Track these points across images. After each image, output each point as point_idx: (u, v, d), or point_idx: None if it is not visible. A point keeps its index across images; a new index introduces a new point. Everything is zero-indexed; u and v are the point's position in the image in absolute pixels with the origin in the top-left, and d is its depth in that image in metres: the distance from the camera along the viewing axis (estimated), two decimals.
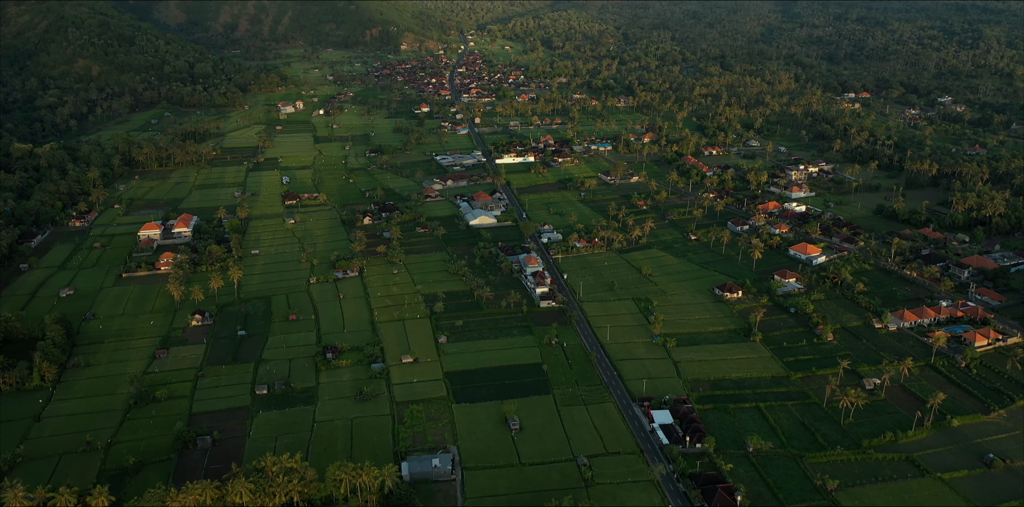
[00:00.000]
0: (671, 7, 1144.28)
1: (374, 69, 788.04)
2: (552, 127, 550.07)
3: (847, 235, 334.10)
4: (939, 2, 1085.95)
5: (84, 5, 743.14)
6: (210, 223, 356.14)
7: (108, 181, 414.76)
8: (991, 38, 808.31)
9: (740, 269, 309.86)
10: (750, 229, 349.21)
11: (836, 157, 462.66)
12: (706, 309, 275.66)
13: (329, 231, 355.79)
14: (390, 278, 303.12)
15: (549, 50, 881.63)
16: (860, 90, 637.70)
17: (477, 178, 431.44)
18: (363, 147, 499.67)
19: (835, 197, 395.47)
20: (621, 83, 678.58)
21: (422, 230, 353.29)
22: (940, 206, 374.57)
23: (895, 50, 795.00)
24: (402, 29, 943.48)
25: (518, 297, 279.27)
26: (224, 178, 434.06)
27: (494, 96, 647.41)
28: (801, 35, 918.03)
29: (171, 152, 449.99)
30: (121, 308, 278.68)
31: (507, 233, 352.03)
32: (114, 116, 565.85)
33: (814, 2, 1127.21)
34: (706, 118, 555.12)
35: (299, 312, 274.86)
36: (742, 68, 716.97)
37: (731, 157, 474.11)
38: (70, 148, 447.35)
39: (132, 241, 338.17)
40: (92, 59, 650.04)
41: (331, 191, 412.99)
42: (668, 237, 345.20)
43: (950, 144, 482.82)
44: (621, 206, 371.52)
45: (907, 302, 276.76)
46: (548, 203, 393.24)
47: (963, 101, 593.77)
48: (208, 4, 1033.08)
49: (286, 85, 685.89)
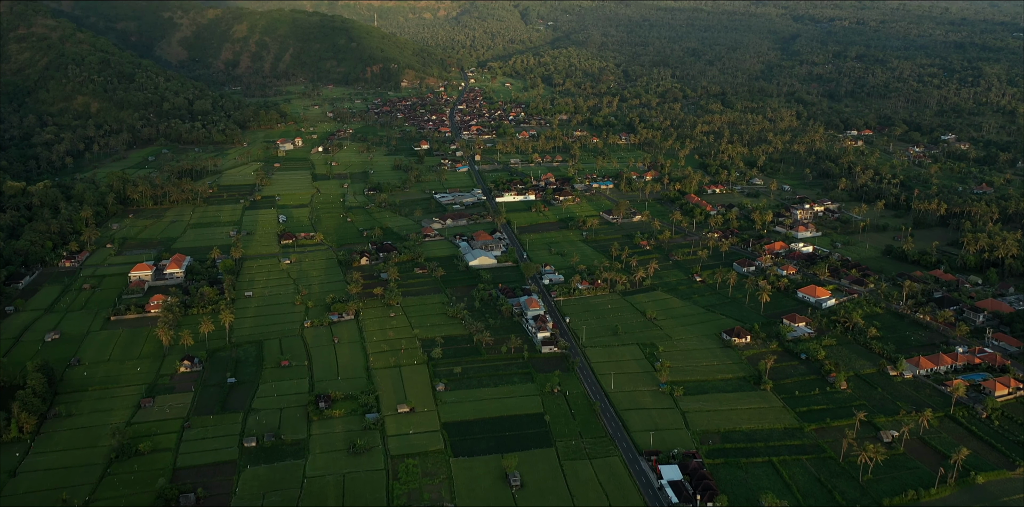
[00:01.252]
0: (670, 45, 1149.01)
1: (374, 106, 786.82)
2: (553, 165, 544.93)
3: (856, 277, 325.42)
4: (937, 40, 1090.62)
5: (85, 42, 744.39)
6: (203, 263, 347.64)
7: (101, 220, 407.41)
8: (991, 76, 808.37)
9: (747, 312, 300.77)
10: (756, 270, 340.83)
11: (841, 196, 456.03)
12: (714, 355, 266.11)
13: (325, 272, 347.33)
14: (387, 321, 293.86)
15: (549, 87, 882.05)
16: (862, 127, 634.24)
17: (477, 217, 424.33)
18: (362, 185, 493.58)
19: (842, 237, 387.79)
20: (622, 120, 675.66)
21: (420, 271, 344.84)
22: (950, 246, 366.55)
23: (896, 87, 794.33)
24: (403, 66, 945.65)
25: (519, 342, 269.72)
26: (220, 217, 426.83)
27: (494, 133, 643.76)
28: (801, 72, 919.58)
29: (166, 190, 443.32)
30: (107, 353, 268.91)
31: (507, 274, 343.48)
32: (111, 153, 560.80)
33: (813, 40, 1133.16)
34: (708, 156, 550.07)
35: (292, 358, 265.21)
36: (743, 105, 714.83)
37: (735, 195, 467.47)
38: (64, 186, 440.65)
39: (123, 282, 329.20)
40: (91, 96, 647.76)
41: (328, 230, 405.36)
42: (673, 278, 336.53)
43: (956, 183, 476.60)
44: (624, 246, 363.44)
45: (922, 348, 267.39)
46: (549, 243, 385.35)
47: (967, 139, 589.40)
48: (210, 41, 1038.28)
49: (285, 122, 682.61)
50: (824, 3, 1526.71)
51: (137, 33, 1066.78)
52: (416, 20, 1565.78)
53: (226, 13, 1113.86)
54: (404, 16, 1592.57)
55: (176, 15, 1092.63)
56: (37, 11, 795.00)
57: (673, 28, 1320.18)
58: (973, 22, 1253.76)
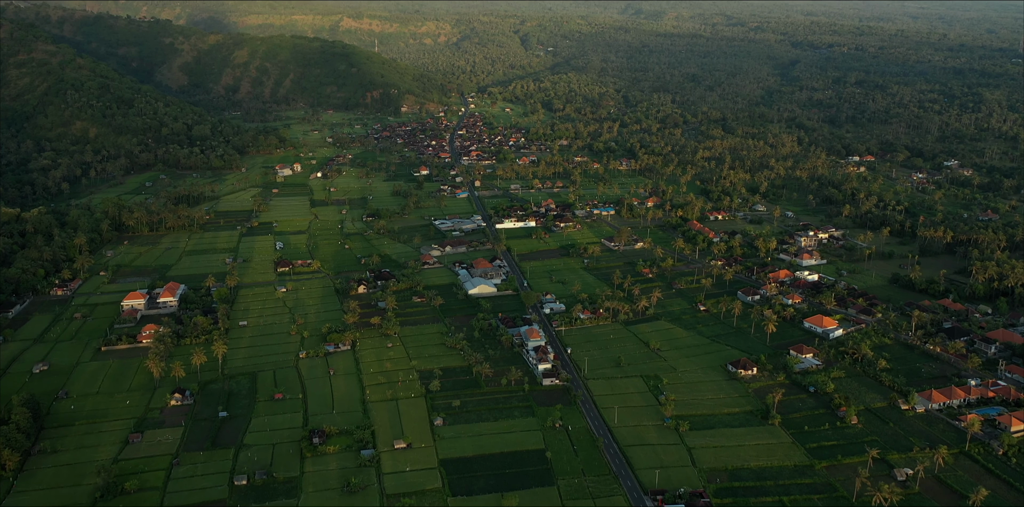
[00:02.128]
0: (670, 70, 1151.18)
1: (374, 131, 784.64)
2: (553, 190, 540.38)
3: (863, 306, 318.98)
4: (936, 66, 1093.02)
5: (85, 68, 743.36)
6: (198, 292, 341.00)
7: (96, 247, 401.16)
8: (992, 102, 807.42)
9: (753, 343, 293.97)
10: (761, 299, 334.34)
11: (845, 222, 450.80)
12: (720, 388, 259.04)
13: (321, 300, 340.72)
14: (384, 352, 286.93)
15: (550, 112, 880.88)
16: (864, 153, 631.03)
17: (476, 244, 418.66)
18: (360, 211, 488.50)
19: (847, 265, 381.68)
20: (623, 146, 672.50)
21: (419, 299, 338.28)
22: (958, 275, 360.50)
23: (897, 113, 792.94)
24: (403, 91, 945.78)
25: (519, 374, 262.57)
26: (216, 243, 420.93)
27: (494, 159, 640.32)
28: (801, 98, 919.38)
29: (162, 216, 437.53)
30: (97, 386, 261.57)
31: (508, 303, 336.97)
32: (108, 179, 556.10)
33: (812, 66, 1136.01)
34: (710, 182, 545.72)
35: (286, 390, 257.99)
36: (744, 131, 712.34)
37: (737, 222, 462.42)
38: (59, 212, 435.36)
39: (115, 311, 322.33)
40: (90, 121, 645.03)
41: (326, 257, 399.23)
42: (676, 308, 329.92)
43: (961, 209, 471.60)
44: (626, 274, 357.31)
45: (933, 380, 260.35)
46: (550, 271, 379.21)
47: (970, 165, 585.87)
48: (210, 67, 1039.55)
49: (285, 147, 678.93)
50: (822, 29, 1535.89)
51: (138, 58, 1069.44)
52: (417, 45, 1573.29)
53: (227, 39, 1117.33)
54: (405, 41, 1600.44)
55: (177, 41, 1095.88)
56: (38, 37, 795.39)
57: (673, 54, 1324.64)
58: (971, 48, 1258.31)
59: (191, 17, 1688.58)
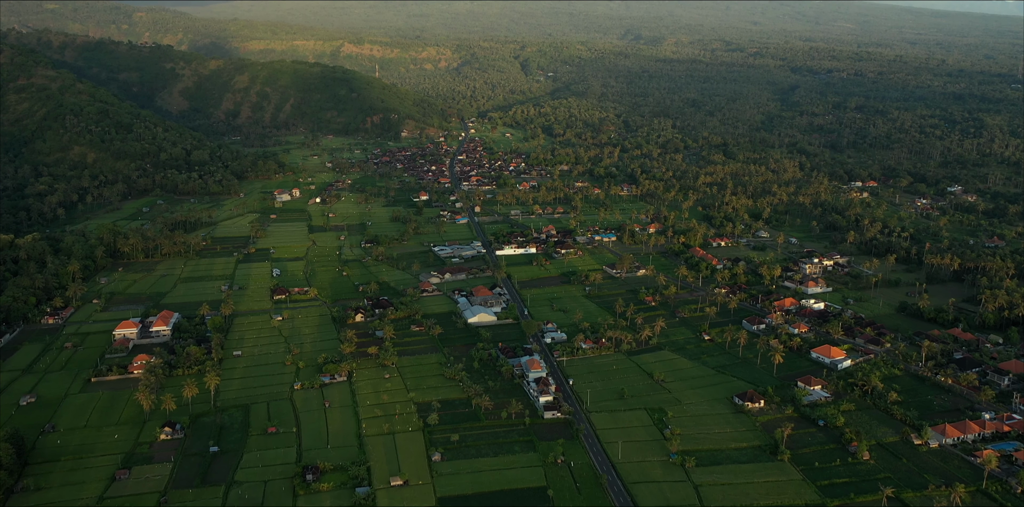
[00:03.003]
0: (670, 96, 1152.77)
1: (373, 156, 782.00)
2: (554, 216, 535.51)
3: (871, 336, 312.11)
4: (936, 91, 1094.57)
5: (85, 93, 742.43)
6: (192, 320, 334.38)
7: (89, 274, 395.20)
8: (993, 127, 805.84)
9: (760, 374, 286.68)
10: (767, 328, 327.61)
11: (850, 249, 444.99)
12: (726, 421, 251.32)
13: (318, 329, 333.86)
14: (381, 384, 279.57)
15: (550, 137, 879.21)
16: (867, 179, 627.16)
17: (476, 271, 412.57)
18: (359, 237, 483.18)
19: (853, 293, 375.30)
20: (623, 171, 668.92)
21: (417, 328, 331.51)
22: (966, 303, 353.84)
23: (898, 138, 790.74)
24: (403, 116, 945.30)
25: (520, 407, 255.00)
26: (212, 270, 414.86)
27: (494, 184, 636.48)
28: (802, 123, 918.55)
29: (158, 243, 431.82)
30: (85, 419, 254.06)
31: (508, 332, 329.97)
32: (105, 204, 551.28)
33: (812, 91, 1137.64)
34: (712, 207, 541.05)
35: (280, 424, 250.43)
36: (745, 156, 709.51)
37: (740, 248, 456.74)
38: (53, 239, 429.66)
39: (106, 341, 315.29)
40: (88, 146, 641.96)
41: (323, 285, 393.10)
42: (680, 337, 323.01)
43: (967, 236, 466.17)
44: (629, 303, 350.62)
45: (946, 414, 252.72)
46: (551, 298, 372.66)
47: (973, 190, 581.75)
48: (211, 92, 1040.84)
49: (284, 172, 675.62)
50: (821, 55, 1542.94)
51: (139, 83, 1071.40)
52: (417, 71, 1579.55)
53: (228, 64, 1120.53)
54: (406, 67, 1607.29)
55: (178, 66, 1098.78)
56: (38, 62, 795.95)
57: (672, 79, 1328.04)
58: (970, 74, 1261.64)
59: (193, 43, 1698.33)
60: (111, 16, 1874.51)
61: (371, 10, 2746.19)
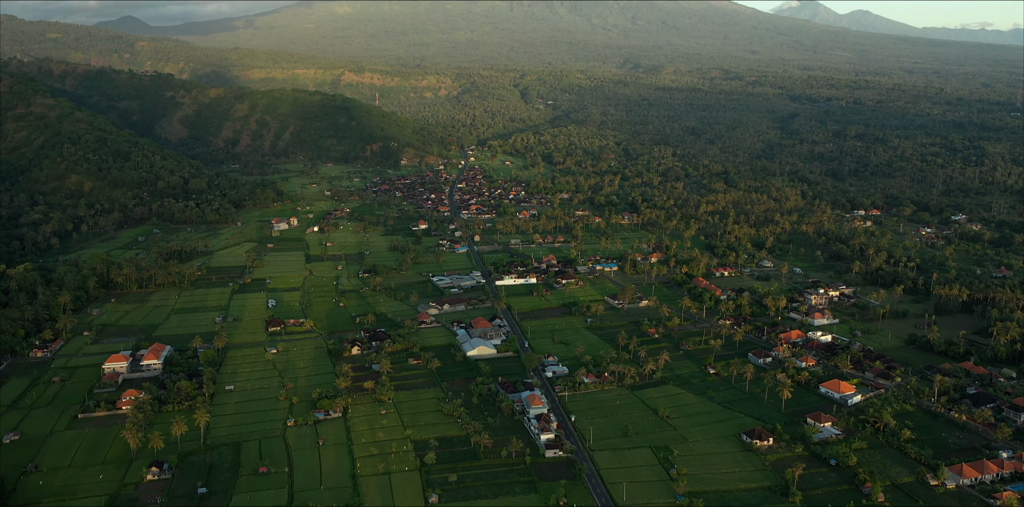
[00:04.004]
0: (670, 124, 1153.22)
1: (373, 184, 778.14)
2: (555, 245, 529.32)
3: (881, 370, 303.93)
4: (936, 119, 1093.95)
5: (83, 121, 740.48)
6: (184, 354, 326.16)
7: (81, 305, 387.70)
8: (995, 155, 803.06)
9: (768, 410, 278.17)
10: (773, 362, 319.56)
11: (856, 279, 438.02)
12: (734, 460, 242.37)
13: (313, 362, 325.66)
14: (377, 420, 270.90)
15: (550, 165, 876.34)
16: (870, 207, 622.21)
17: (476, 302, 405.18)
18: (356, 267, 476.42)
19: (861, 324, 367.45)
20: (624, 199, 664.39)
21: (415, 362, 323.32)
22: (977, 335, 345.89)
23: (900, 167, 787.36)
24: (403, 144, 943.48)
25: (520, 445, 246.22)
26: (206, 301, 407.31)
27: (494, 212, 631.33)
28: (802, 151, 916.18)
29: (152, 273, 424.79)
30: (70, 458, 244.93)
31: (508, 365, 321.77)
32: (100, 233, 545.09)
33: (811, 119, 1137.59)
34: (714, 236, 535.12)
35: (271, 463, 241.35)
36: (746, 184, 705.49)
37: (744, 278, 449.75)
38: (45, 269, 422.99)
39: (96, 375, 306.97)
40: (85, 175, 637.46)
41: (319, 316, 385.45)
42: (684, 371, 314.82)
43: (973, 265, 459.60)
44: (632, 335, 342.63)
45: (961, 452, 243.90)
46: (552, 330, 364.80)
47: (978, 219, 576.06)
48: (211, 120, 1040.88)
49: (282, 201, 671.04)
50: (820, 83, 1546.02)
51: (139, 112, 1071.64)
52: (417, 99, 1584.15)
53: (228, 92, 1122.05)
54: (406, 95, 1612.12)
55: (178, 94, 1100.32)
56: (37, 90, 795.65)
57: (672, 107, 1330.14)
58: (969, 102, 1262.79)
59: (194, 71, 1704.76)
60: (113, 45, 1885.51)
61: (372, 39, 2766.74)
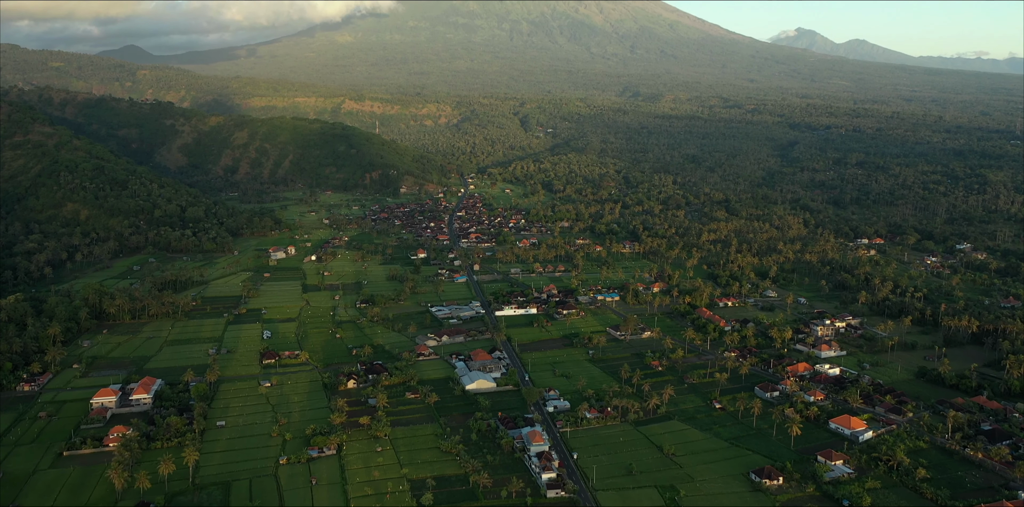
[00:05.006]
0: (670, 152, 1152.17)
1: (372, 212, 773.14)
2: (555, 275, 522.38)
3: (892, 404, 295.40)
4: (936, 147, 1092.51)
5: (81, 149, 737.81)
6: (175, 387, 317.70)
7: (72, 336, 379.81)
8: (997, 183, 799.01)
9: (776, 446, 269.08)
10: (781, 396, 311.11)
11: (862, 310, 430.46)
12: (743, 501, 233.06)
13: (308, 396, 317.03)
14: (372, 458, 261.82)
15: (550, 193, 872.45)
16: (873, 236, 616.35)
17: (475, 333, 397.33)
18: (354, 296, 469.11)
19: (869, 357, 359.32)
20: (625, 228, 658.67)
21: (412, 396, 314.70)
22: (988, 368, 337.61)
23: (902, 195, 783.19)
24: (402, 172, 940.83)
25: (521, 484, 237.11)
26: (200, 332, 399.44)
27: (494, 241, 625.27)
28: (803, 179, 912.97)
29: (146, 303, 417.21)
30: (52, 498, 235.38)
31: (508, 400, 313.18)
32: (95, 262, 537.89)
33: (811, 147, 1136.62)
34: (717, 266, 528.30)
35: (262, 504, 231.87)
36: (748, 212, 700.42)
37: (748, 309, 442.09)
38: (37, 299, 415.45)
39: (83, 410, 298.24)
40: (81, 203, 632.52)
41: (315, 348, 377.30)
42: (689, 405, 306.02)
43: (981, 296, 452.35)
44: (635, 368, 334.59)
45: (979, 492, 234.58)
46: (553, 363, 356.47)
47: (983, 248, 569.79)
48: (210, 148, 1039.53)
49: (280, 229, 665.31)
50: (819, 111, 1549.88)
51: (138, 140, 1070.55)
52: (417, 127, 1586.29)
53: (228, 120, 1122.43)
54: (406, 123, 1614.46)
55: (178, 122, 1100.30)
56: (35, 119, 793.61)
57: (672, 135, 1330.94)
58: (969, 130, 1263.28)
59: (195, 99, 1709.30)
60: (115, 74, 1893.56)
61: (373, 68, 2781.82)
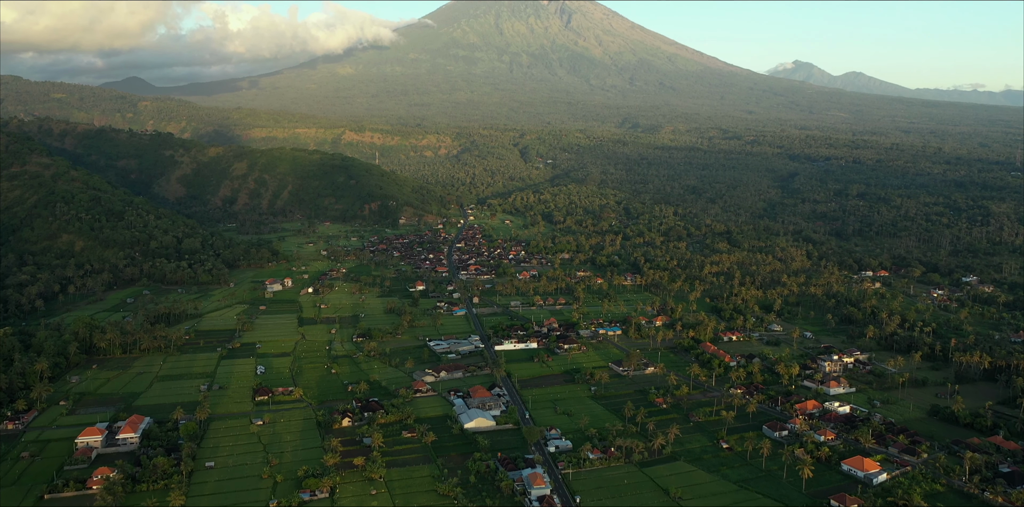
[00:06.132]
0: (670, 183, 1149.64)
1: (370, 243, 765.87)
2: (556, 308, 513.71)
3: (905, 445, 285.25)
4: (937, 178, 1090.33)
5: (78, 180, 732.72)
6: (163, 426, 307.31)
7: (60, 372, 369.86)
8: (1000, 215, 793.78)
9: (787, 490, 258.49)
10: (790, 435, 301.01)
11: (870, 345, 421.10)
12: None
13: (301, 435, 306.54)
14: (367, 501, 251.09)
15: (550, 224, 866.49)
16: (877, 268, 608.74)
17: (474, 368, 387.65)
18: (351, 330, 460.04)
19: (879, 394, 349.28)
20: (626, 259, 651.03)
21: (409, 435, 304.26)
22: (1003, 406, 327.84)
23: (905, 226, 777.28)
24: (401, 203, 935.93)
25: None
26: (192, 367, 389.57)
27: (493, 273, 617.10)
28: (804, 210, 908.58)
29: (137, 337, 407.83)
30: None
31: (508, 439, 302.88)
32: (88, 295, 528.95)
33: (811, 178, 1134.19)
34: (720, 298, 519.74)
35: None
36: (750, 244, 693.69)
37: (753, 343, 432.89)
38: (25, 333, 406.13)
39: (68, 449, 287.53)
40: (77, 234, 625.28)
41: (310, 384, 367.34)
42: (696, 445, 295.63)
43: (990, 330, 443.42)
44: (639, 405, 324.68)
45: None
46: (554, 400, 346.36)
47: (989, 281, 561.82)
48: (209, 179, 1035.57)
49: (277, 260, 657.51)
50: (818, 143, 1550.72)
51: (137, 170, 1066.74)
52: (417, 157, 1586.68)
53: (227, 151, 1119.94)
54: (406, 153, 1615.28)
55: (177, 153, 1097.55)
56: (33, 149, 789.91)
57: (671, 166, 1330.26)
58: (969, 161, 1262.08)
59: (196, 130, 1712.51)
60: (117, 105, 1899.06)
61: (373, 99, 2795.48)
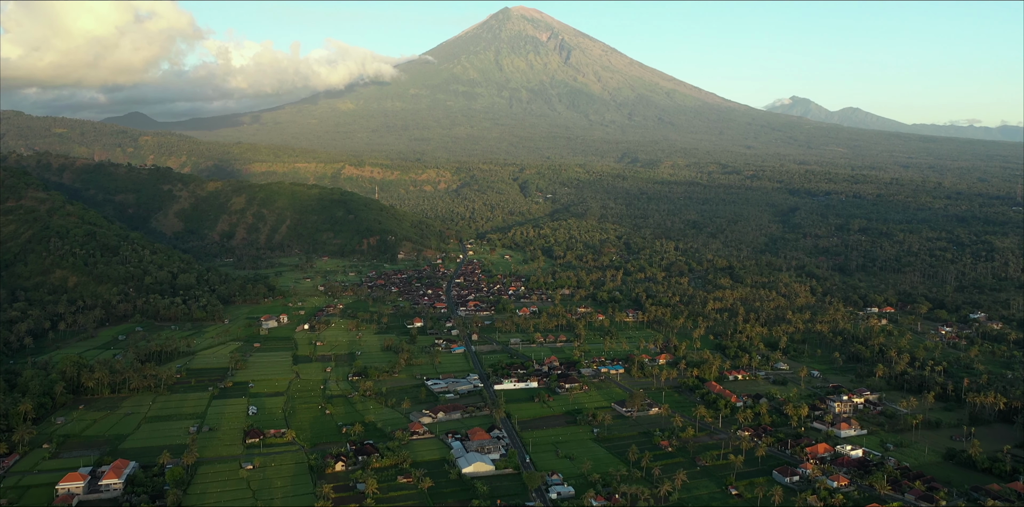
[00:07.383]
0: (670, 217, 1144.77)
1: (368, 279, 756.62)
2: (556, 345, 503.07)
3: (923, 492, 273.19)
4: (938, 213, 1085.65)
5: (73, 215, 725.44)
6: (149, 471, 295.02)
7: (45, 412, 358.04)
8: (1004, 250, 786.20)
9: None
10: (801, 481, 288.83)
11: (879, 384, 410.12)
12: None
13: (292, 481, 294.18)
14: None
15: (550, 259, 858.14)
16: (883, 304, 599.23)
17: (473, 408, 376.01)
18: (346, 368, 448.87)
19: (892, 436, 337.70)
20: (628, 295, 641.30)
21: (405, 480, 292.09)
22: (1021, 449, 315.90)
23: (908, 262, 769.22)
24: (400, 238, 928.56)
25: None
26: (182, 408, 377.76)
27: (493, 309, 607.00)
28: (806, 245, 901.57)
29: (126, 376, 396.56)
30: None
31: (507, 484, 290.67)
32: (79, 332, 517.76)
33: (812, 213, 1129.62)
34: (725, 336, 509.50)
35: None
36: (753, 280, 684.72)
37: (760, 382, 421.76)
38: (11, 372, 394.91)
39: (48, 496, 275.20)
40: (70, 270, 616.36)
41: (303, 425, 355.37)
42: (704, 492, 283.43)
43: (1003, 369, 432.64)
44: (644, 449, 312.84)
45: None
46: (556, 442, 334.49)
47: (997, 317, 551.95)
48: (207, 213, 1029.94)
49: (273, 296, 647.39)
50: (818, 177, 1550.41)
51: (135, 205, 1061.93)
52: (417, 192, 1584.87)
53: (226, 185, 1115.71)
54: (405, 188, 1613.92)
55: (176, 187, 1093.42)
56: (29, 184, 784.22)
57: (671, 201, 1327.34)
58: (969, 196, 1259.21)
59: (196, 165, 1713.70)
60: (117, 140, 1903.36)
61: (373, 134, 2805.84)
